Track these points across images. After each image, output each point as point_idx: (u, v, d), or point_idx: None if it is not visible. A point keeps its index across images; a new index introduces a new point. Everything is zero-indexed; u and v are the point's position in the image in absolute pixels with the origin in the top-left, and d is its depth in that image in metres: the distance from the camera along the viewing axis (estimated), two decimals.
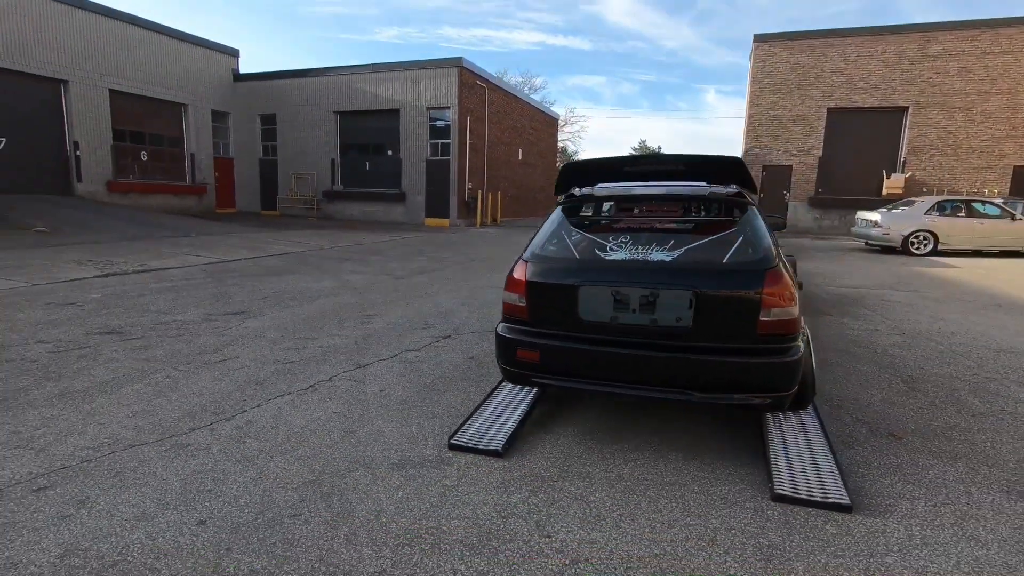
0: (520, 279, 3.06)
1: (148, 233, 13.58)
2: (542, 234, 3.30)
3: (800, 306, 2.82)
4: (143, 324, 5.48)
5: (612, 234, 3.12)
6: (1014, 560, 2.10)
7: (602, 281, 2.89)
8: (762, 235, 2.93)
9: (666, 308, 2.76)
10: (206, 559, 2.09)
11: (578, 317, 2.91)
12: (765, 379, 2.65)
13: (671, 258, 2.86)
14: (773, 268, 2.72)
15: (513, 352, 3.02)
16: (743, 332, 2.68)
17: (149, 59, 19.39)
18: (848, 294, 7.80)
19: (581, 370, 2.94)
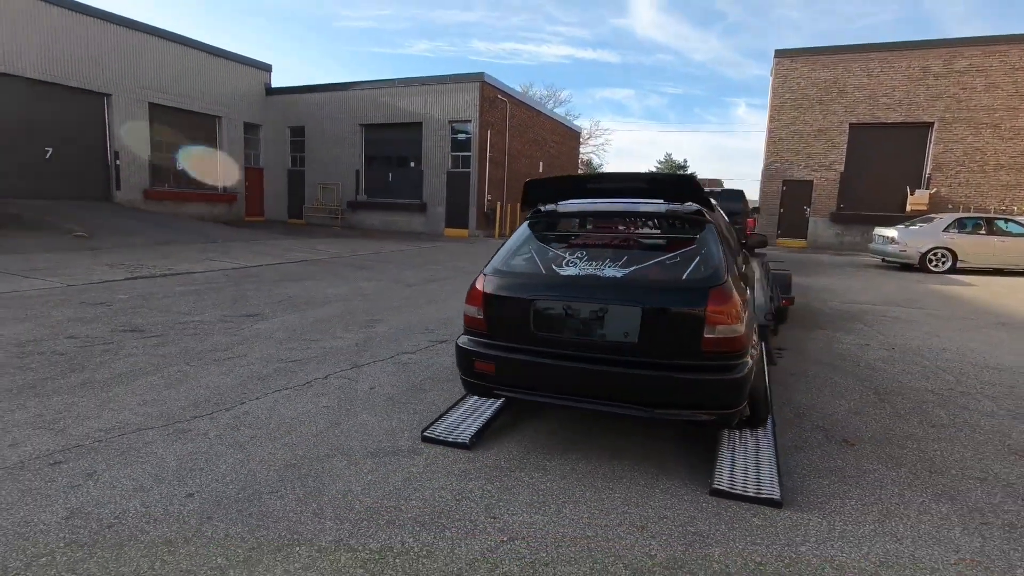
0: (479, 292, 3.15)
1: (178, 239, 14.26)
2: (506, 248, 3.40)
3: (749, 324, 2.90)
4: (163, 323, 5.89)
5: (570, 250, 3.21)
6: (922, 553, 2.25)
7: (555, 296, 2.96)
8: (714, 253, 2.96)
9: (614, 324, 2.82)
10: (189, 525, 2.37)
11: (532, 331, 2.98)
12: (710, 396, 2.69)
13: (622, 274, 2.92)
14: (719, 286, 2.76)
15: (471, 363, 3.10)
16: (688, 349, 2.72)
17: (187, 74, 20.37)
18: (850, 310, 7.83)
19: (534, 382, 3.00)
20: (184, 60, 20.28)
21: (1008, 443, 3.36)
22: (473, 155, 20.65)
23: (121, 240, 13.05)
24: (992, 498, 2.70)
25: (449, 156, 21.18)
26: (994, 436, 3.46)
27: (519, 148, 23.55)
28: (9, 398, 3.69)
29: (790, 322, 6.71)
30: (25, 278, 7.96)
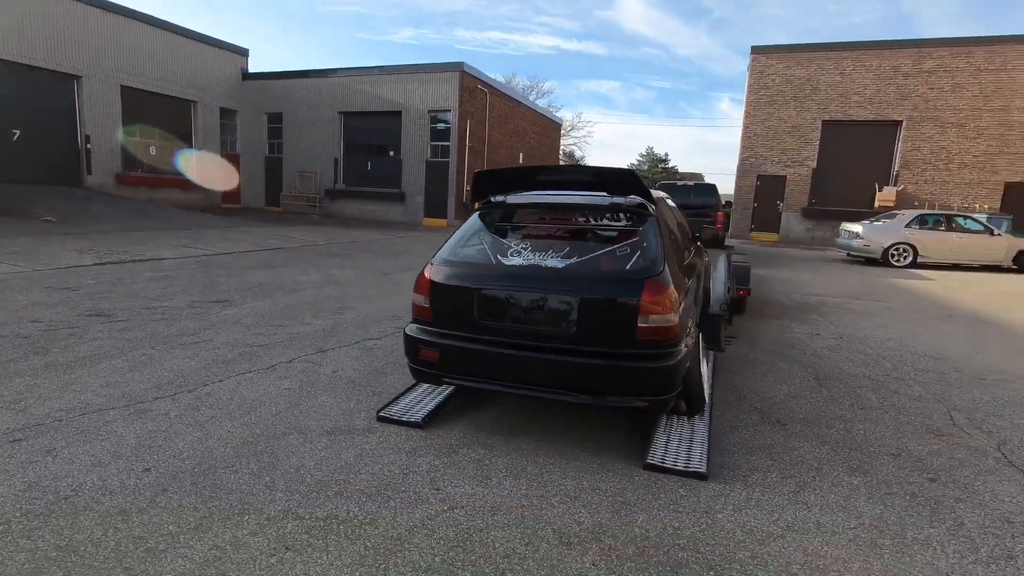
0: (425, 281, 3.23)
1: (151, 225, 14.10)
2: (454, 238, 3.47)
3: (685, 314, 3.00)
4: (131, 308, 5.91)
5: (516, 240, 3.28)
6: (826, 519, 2.46)
7: (499, 285, 3.03)
8: (652, 245, 3.03)
9: (554, 313, 2.91)
10: (144, 496, 2.49)
11: (476, 320, 3.06)
12: (644, 383, 2.79)
13: (563, 265, 2.99)
14: (654, 277, 2.85)
15: (417, 351, 3.17)
16: (623, 337, 2.81)
17: (161, 57, 19.99)
18: (809, 302, 8.12)
19: (477, 370, 3.07)
20: (158, 43, 19.90)
21: (927, 424, 3.60)
22: (452, 145, 20.65)
23: (92, 226, 12.88)
24: (901, 472, 2.93)
25: (428, 145, 21.15)
26: (916, 417, 3.70)
27: (499, 138, 23.59)
28: None
29: (749, 312, 6.96)
30: None
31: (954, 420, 3.67)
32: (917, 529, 2.41)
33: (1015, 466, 3.04)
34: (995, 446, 3.28)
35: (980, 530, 2.42)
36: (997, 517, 2.52)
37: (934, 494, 2.71)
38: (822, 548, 2.26)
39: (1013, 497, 2.70)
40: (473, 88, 21.06)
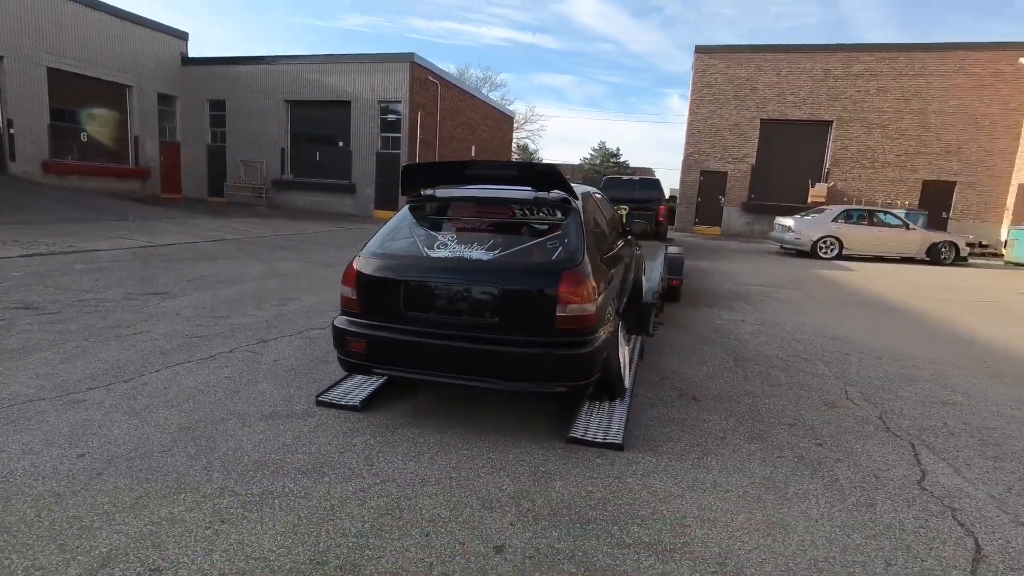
0: (353, 273, 3.27)
1: (83, 216, 13.48)
2: (383, 231, 3.55)
3: (604, 303, 3.17)
4: (61, 301, 5.75)
5: (443, 233, 3.39)
6: (722, 480, 2.76)
7: (425, 277, 3.13)
8: (573, 238, 3.18)
9: (477, 303, 3.03)
10: (78, 480, 2.54)
11: (402, 311, 3.14)
12: (562, 369, 2.93)
13: (487, 257, 3.10)
14: (573, 268, 2.99)
15: (345, 343, 3.23)
16: (542, 326, 2.94)
17: (91, 38, 18.98)
18: (739, 291, 8.63)
19: (404, 360, 3.16)
20: (88, 22, 18.88)
21: (824, 397, 4.00)
22: (403, 136, 20.52)
23: (15, 216, 12.22)
24: (793, 438, 3.28)
25: (379, 137, 20.95)
26: (815, 392, 4.10)
27: (450, 131, 23.57)
28: None
29: (683, 301, 7.37)
30: None
31: (848, 394, 4.09)
32: (798, 485, 2.74)
33: (891, 431, 3.44)
34: (878, 415, 3.70)
35: (851, 484, 2.77)
36: (868, 473, 2.89)
37: (818, 456, 3.06)
38: (715, 503, 2.55)
39: (884, 457, 3.09)
40: (424, 80, 20.96)
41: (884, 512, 2.53)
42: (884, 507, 2.57)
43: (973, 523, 2.46)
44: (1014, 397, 4.18)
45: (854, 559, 2.19)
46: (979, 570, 2.14)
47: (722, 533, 2.32)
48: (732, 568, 2.10)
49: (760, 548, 2.23)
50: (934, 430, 3.49)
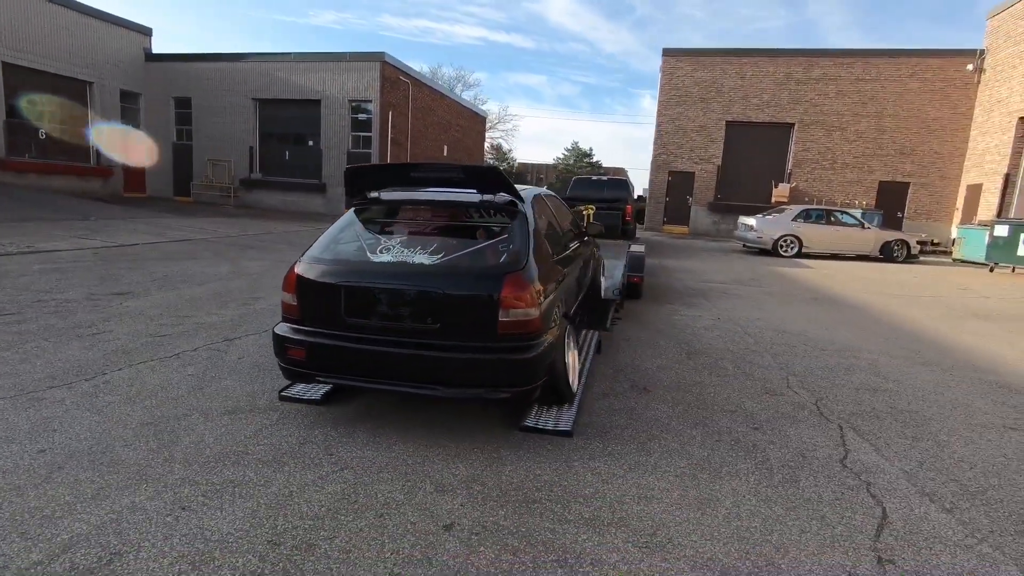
0: (292, 278, 3.21)
1: (42, 215, 13.15)
2: (327, 235, 3.48)
3: (550, 307, 3.13)
4: (20, 301, 5.69)
5: (387, 237, 3.32)
6: (662, 462, 2.95)
7: (366, 282, 3.06)
8: (519, 241, 3.16)
9: (419, 309, 2.97)
10: (39, 473, 2.60)
11: (342, 317, 3.06)
12: (505, 375, 2.88)
13: (429, 262, 3.04)
14: (516, 272, 2.95)
15: (285, 350, 3.14)
16: (484, 332, 2.89)
17: (50, 32, 18.47)
18: (701, 288, 8.93)
19: (344, 367, 3.08)
20: (46, 16, 18.36)
21: (766, 386, 4.25)
22: (374, 136, 20.48)
23: None
24: (733, 424, 3.51)
25: (349, 136, 20.86)
26: (759, 382, 4.35)
27: (421, 130, 23.58)
28: None
29: (646, 298, 7.61)
30: None
31: (788, 383, 4.35)
32: (732, 465, 2.96)
33: (823, 415, 3.70)
34: (813, 401, 3.96)
35: (780, 463, 3.00)
36: (795, 453, 3.12)
37: (753, 439, 3.29)
38: (653, 483, 2.74)
39: (813, 439, 3.33)
40: (395, 79, 20.94)
41: (806, 487, 2.75)
42: (806, 483, 2.80)
43: (883, 495, 2.70)
44: (938, 383, 4.50)
45: (772, 528, 2.40)
46: (883, 535, 2.38)
47: (656, 508, 2.51)
48: (662, 538, 2.29)
49: (689, 521, 2.43)
50: (862, 414, 3.76)
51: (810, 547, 2.27)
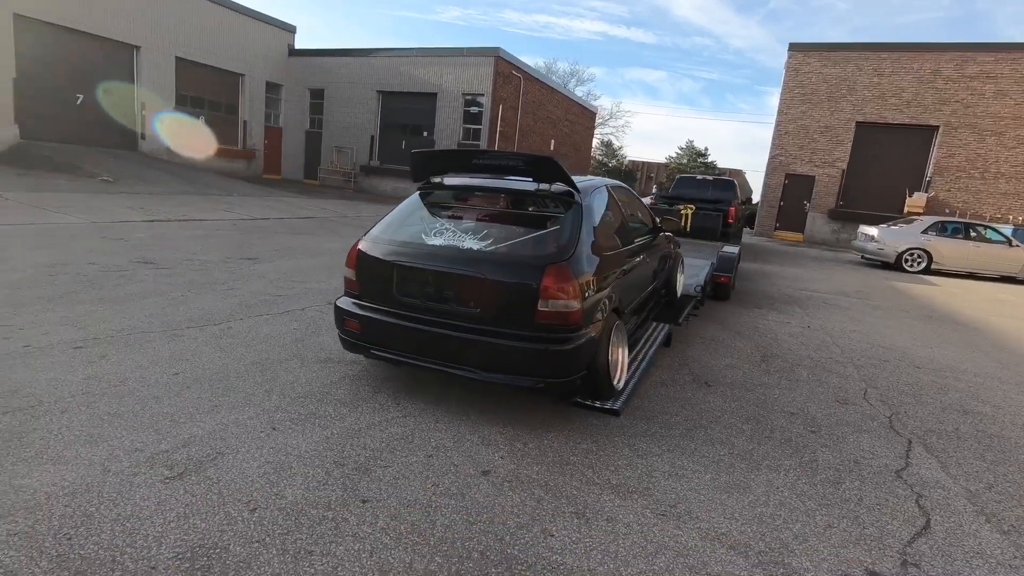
0: (354, 255, 3.40)
1: (196, 190, 15.17)
2: (390, 216, 3.64)
3: (595, 302, 3.09)
4: (172, 259, 6.76)
5: (443, 221, 3.41)
6: (702, 448, 3.03)
7: (416, 263, 3.16)
8: (569, 232, 3.14)
9: (462, 292, 3.05)
10: (172, 390, 3.23)
11: (394, 294, 3.22)
12: (539, 365, 2.91)
13: (478, 247, 3.10)
14: (560, 263, 2.95)
15: (343, 322, 3.36)
16: (522, 320, 2.92)
17: (213, 30, 21.07)
18: (798, 296, 8.49)
19: (393, 343, 3.23)
20: (211, 16, 20.97)
21: (839, 395, 4.09)
22: (484, 129, 21.23)
23: (143, 187, 13.99)
24: (789, 424, 3.46)
25: (461, 128, 21.78)
26: (832, 390, 4.20)
27: (530, 124, 24.04)
28: (41, 303, 4.58)
29: (734, 301, 7.42)
30: (56, 213, 8.89)
31: (866, 395, 4.15)
32: (774, 460, 2.96)
33: (893, 429, 3.53)
34: (888, 415, 3.77)
35: (827, 465, 2.95)
36: (848, 459, 3.05)
37: (805, 441, 3.24)
38: (687, 464, 2.84)
39: (873, 448, 3.22)
40: (508, 74, 21.53)
41: (848, 490, 2.71)
42: (850, 486, 2.75)
43: (934, 508, 2.60)
44: None
45: (797, 519, 2.42)
46: (916, 542, 2.32)
47: (683, 485, 2.62)
48: (681, 510, 2.41)
49: (713, 500, 2.52)
50: (941, 433, 3.54)
51: (832, 541, 2.28)
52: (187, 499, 2.20)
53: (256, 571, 1.85)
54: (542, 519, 2.27)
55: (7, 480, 2.22)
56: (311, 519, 2.15)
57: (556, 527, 2.23)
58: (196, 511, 2.13)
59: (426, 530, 2.15)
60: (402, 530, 2.13)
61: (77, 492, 2.19)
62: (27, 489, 2.18)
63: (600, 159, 48.88)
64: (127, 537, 1.96)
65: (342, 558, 1.95)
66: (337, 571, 1.89)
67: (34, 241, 6.86)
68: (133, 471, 2.36)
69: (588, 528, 2.24)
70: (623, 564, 2.04)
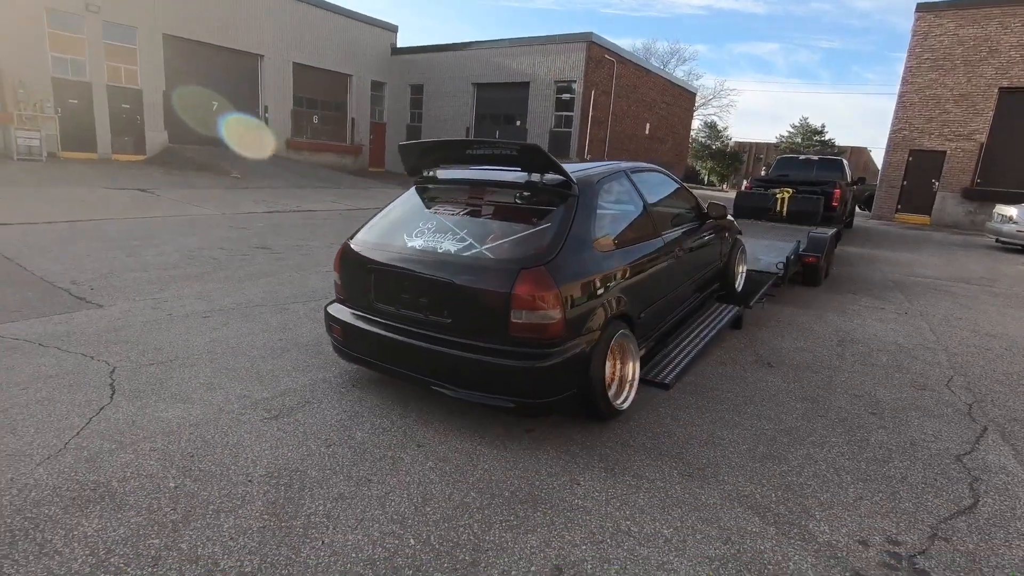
0: (337, 258, 3.24)
1: (310, 183, 16.68)
2: (379, 215, 3.39)
3: (580, 311, 2.66)
4: (284, 245, 7.65)
5: (427, 220, 3.09)
6: (747, 422, 3.08)
7: (392, 268, 2.90)
8: (555, 230, 2.74)
9: (435, 300, 2.74)
10: (275, 351, 3.81)
11: (372, 301, 3.01)
12: (511, 383, 2.56)
13: (455, 249, 2.79)
14: (537, 267, 2.55)
15: (329, 328, 3.24)
16: (495, 332, 2.58)
17: (323, 35, 22.81)
18: (902, 281, 7.87)
19: (371, 353, 3.02)
20: (321, 22, 22.70)
21: (918, 381, 3.89)
22: (576, 115, 21.24)
23: (266, 182, 15.63)
24: (850, 406, 3.39)
25: (552, 116, 21.94)
26: (912, 376, 3.99)
27: (624, 108, 23.66)
28: (182, 281, 5.46)
29: (828, 285, 7.09)
30: (195, 206, 10.29)
31: (950, 383, 3.91)
32: (820, 436, 2.96)
33: (970, 416, 3.33)
34: (968, 403, 3.55)
35: (878, 444, 2.90)
36: (905, 440, 2.97)
37: (862, 422, 3.18)
38: (726, 435, 2.93)
39: (938, 432, 3.09)
40: (600, 58, 21.33)
41: (895, 468, 2.68)
42: (898, 464, 2.71)
43: (988, 491, 2.51)
44: None
45: (828, 488, 2.46)
46: (956, 519, 2.28)
47: (717, 453, 2.73)
48: (708, 473, 2.54)
49: (744, 467, 2.61)
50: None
51: (860, 511, 2.31)
52: (279, 435, 2.69)
53: (327, 490, 2.27)
54: (572, 471, 2.51)
55: (151, 413, 2.84)
56: (373, 456, 2.55)
57: (584, 478, 2.46)
58: (285, 444, 2.61)
59: (468, 472, 2.47)
60: (447, 470, 2.47)
61: (199, 424, 2.75)
62: (165, 420, 2.77)
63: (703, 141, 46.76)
64: (233, 458, 2.46)
65: (394, 486, 2.32)
66: (388, 496, 2.26)
67: (178, 230, 8.05)
68: (241, 412, 2.90)
69: (613, 481, 2.44)
70: (638, 511, 2.23)
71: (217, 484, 2.26)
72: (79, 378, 3.17)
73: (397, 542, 1.99)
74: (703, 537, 2.09)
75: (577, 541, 2.04)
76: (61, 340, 3.71)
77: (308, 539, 1.98)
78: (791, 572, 1.93)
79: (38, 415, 2.73)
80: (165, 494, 2.18)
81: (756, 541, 2.08)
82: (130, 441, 2.55)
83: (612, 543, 2.03)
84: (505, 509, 2.21)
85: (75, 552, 1.85)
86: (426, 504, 2.22)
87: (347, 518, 2.10)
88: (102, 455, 2.43)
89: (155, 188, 12.06)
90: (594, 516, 2.19)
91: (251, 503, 2.16)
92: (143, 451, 2.48)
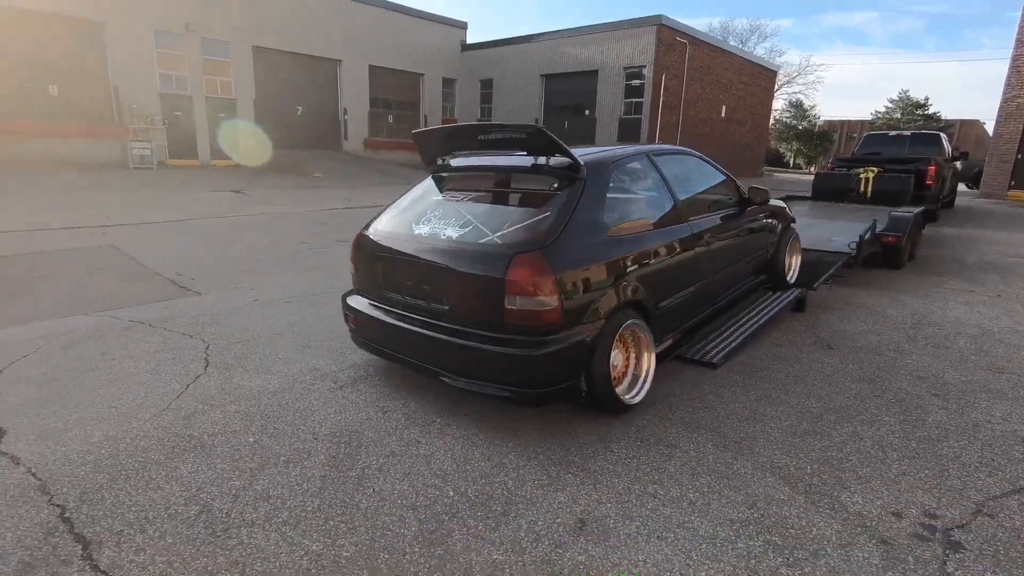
0: (352, 247, 3.27)
1: (385, 181, 17.47)
2: (393, 204, 3.44)
3: (581, 299, 2.58)
4: None
5: (435, 208, 3.12)
6: (793, 400, 3.05)
7: (399, 255, 2.91)
8: (558, 214, 2.67)
9: (436, 287, 2.75)
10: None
11: (382, 289, 3.03)
12: (505, 371, 2.51)
13: (456, 236, 2.79)
14: (532, 252, 2.49)
15: (346, 317, 3.29)
16: (491, 319, 2.54)
17: (396, 37, 23.67)
18: (1001, 262, 7.23)
19: (380, 341, 3.05)
20: (394, 25, 23.56)
21: (995, 364, 3.65)
22: (646, 101, 20.80)
23: (345, 181, 16.56)
24: (911, 387, 3.25)
25: (622, 103, 21.61)
26: (988, 358, 3.74)
27: (697, 92, 22.88)
28: (268, 272, 6.01)
29: (915, 267, 6.69)
30: (280, 205, 11.13)
31: None
32: (871, 415, 2.89)
33: None
34: None
35: (935, 424, 2.80)
36: (966, 421, 2.83)
37: (922, 402, 3.05)
38: (769, 411, 2.92)
39: (1006, 415, 2.92)
40: (671, 41, 20.74)
41: (947, 447, 2.58)
42: (952, 444, 2.61)
43: None
44: None
45: (868, 463, 2.42)
46: (1008, 498, 2.19)
47: (757, 428, 2.75)
48: (744, 446, 2.57)
49: (783, 441, 2.62)
50: None
51: (900, 486, 2.27)
52: (343, 402, 2.99)
53: (380, 449, 2.53)
54: (607, 439, 2.63)
55: (237, 382, 3.23)
56: (424, 422, 2.79)
57: (617, 446, 2.57)
58: (347, 409, 2.91)
59: (508, 438, 2.65)
60: (490, 437, 2.66)
61: (276, 392, 3.11)
62: (248, 388, 3.16)
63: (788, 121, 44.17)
64: (303, 420, 2.79)
65: (439, 448, 2.55)
66: (434, 455, 2.49)
67: (264, 227, 8.78)
68: (311, 382, 3.24)
69: (647, 448, 2.54)
70: (667, 477, 2.32)
71: (288, 440, 2.59)
72: (180, 353, 3.65)
73: (438, 493, 2.21)
74: (728, 502, 2.15)
75: (603, 499, 2.17)
76: (167, 322, 4.26)
77: (361, 487, 2.24)
78: (813, 537, 1.96)
79: (147, 382, 3.20)
80: (245, 447, 2.53)
81: (782, 508, 2.12)
82: (219, 404, 2.94)
83: (637, 503, 2.15)
84: (539, 470, 2.37)
85: (173, 488, 2.22)
86: (467, 463, 2.42)
87: (396, 472, 2.35)
88: (196, 414, 2.82)
89: (246, 189, 13.13)
90: (623, 479, 2.30)
91: (315, 456, 2.45)
92: (229, 412, 2.85)
